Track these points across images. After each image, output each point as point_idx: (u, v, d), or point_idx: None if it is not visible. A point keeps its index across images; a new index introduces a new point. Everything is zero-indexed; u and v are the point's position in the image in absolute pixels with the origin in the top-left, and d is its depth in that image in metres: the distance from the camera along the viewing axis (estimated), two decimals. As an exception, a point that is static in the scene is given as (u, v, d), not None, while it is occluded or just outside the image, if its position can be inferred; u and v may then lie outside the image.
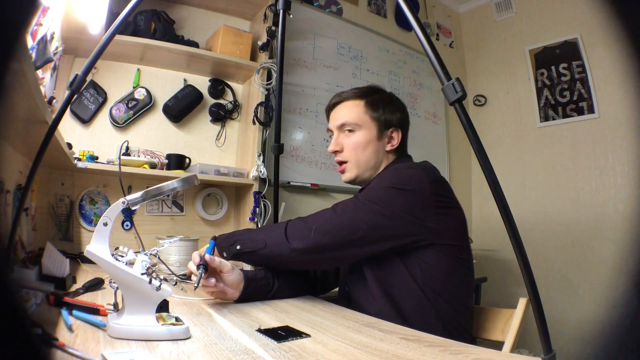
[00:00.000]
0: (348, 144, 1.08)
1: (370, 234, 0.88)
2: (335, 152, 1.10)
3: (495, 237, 2.61)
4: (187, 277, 0.98)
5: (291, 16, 1.79)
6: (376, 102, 1.09)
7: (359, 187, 1.12)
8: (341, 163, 1.10)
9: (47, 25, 1.06)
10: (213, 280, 0.87)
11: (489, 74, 2.96)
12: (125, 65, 1.73)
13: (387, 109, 1.08)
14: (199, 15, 1.92)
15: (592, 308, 2.17)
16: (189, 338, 0.63)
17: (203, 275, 0.83)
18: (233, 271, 0.90)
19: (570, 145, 2.45)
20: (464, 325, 0.95)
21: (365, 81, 2.42)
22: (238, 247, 0.93)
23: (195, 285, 0.80)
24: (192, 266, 0.88)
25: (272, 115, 1.82)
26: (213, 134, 1.91)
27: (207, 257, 0.86)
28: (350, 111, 1.08)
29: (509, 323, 0.97)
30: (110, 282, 0.66)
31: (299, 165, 2.10)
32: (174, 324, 0.64)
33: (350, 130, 1.08)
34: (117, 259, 0.63)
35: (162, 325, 0.63)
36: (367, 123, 1.07)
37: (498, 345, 0.97)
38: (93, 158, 1.47)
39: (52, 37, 1.11)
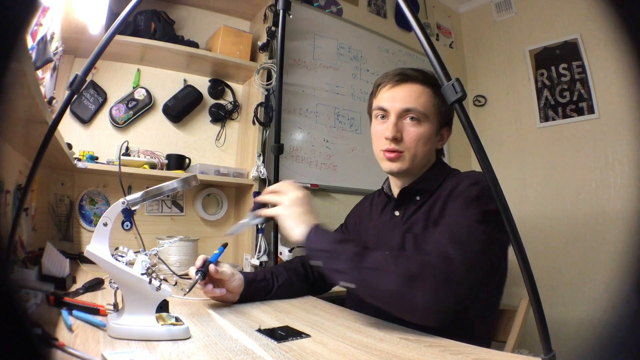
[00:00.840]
0: (411, 134, 0.92)
1: (485, 266, 0.78)
2: (394, 139, 0.93)
3: (495, 237, 2.60)
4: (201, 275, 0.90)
5: (291, 16, 1.79)
6: (441, 94, 0.99)
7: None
8: (395, 151, 0.94)
9: (47, 25, 1.06)
10: (210, 286, 0.86)
11: (489, 74, 2.96)
12: (125, 65, 1.73)
13: (447, 105, 1.01)
14: (199, 15, 1.92)
15: (592, 308, 2.17)
16: (189, 338, 0.63)
17: (199, 281, 0.83)
18: (234, 277, 0.90)
19: (570, 145, 2.45)
20: (490, 333, 0.95)
21: (365, 81, 2.42)
22: (339, 276, 0.75)
23: (187, 290, 0.80)
24: (192, 270, 0.87)
25: (272, 116, 1.82)
26: (213, 134, 1.91)
27: (212, 268, 0.85)
28: (420, 97, 0.93)
29: (511, 323, 0.97)
30: (110, 282, 0.66)
31: (299, 166, 2.10)
32: (174, 324, 0.64)
33: (414, 119, 0.93)
34: (117, 259, 0.63)
35: (162, 325, 0.63)
36: (433, 115, 0.94)
37: (499, 345, 0.97)
38: (93, 158, 1.47)
39: (52, 37, 1.11)
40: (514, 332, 0.95)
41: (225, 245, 0.96)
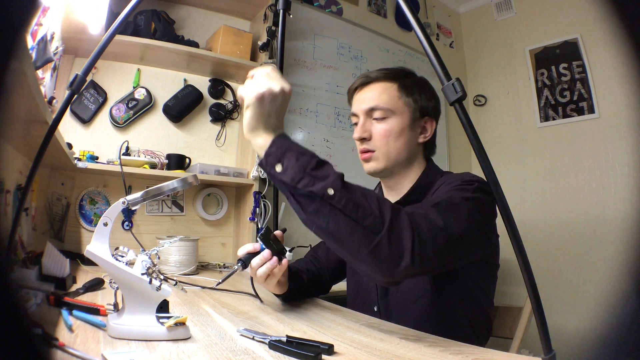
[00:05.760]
0: (378, 131, 0.93)
1: (464, 241, 0.72)
2: (362, 140, 0.95)
3: (496, 237, 2.60)
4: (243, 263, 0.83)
5: (291, 16, 1.79)
6: (410, 85, 0.96)
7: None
8: (366, 151, 0.95)
9: (47, 25, 1.06)
10: (274, 260, 0.81)
11: (489, 74, 2.96)
12: (125, 65, 1.73)
13: (422, 95, 0.96)
14: (199, 15, 1.92)
15: (592, 308, 2.17)
16: (189, 338, 0.63)
17: (239, 269, 0.80)
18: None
19: (570, 145, 2.45)
20: (487, 334, 0.95)
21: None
22: (330, 192, 0.59)
23: (219, 281, 0.80)
24: (240, 252, 0.84)
25: (272, 115, 1.82)
26: (213, 134, 1.91)
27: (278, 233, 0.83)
28: (382, 94, 0.94)
29: (516, 322, 0.99)
30: (110, 282, 0.66)
31: (299, 165, 2.10)
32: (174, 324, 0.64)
33: (380, 116, 0.93)
34: (117, 259, 0.63)
35: (163, 325, 0.63)
36: (401, 109, 0.93)
37: (506, 342, 0.98)
38: (93, 158, 1.47)
39: (52, 37, 1.11)
40: (519, 331, 0.96)
41: (265, 236, 0.84)
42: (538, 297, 0.53)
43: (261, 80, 0.65)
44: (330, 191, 0.59)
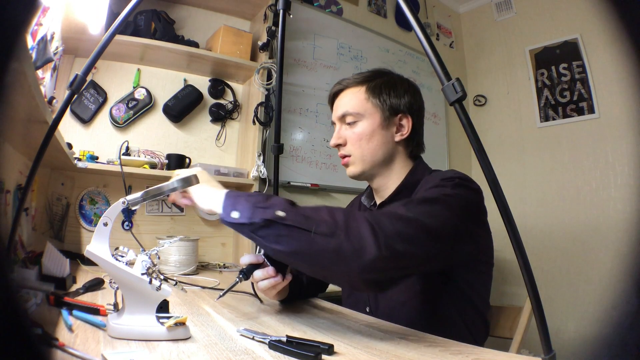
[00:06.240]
0: (350, 136, 0.96)
1: (445, 237, 0.71)
2: (338, 146, 0.99)
3: (496, 237, 2.59)
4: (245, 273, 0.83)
5: (291, 16, 1.79)
6: (379, 86, 0.96)
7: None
8: (344, 157, 0.98)
9: (47, 25, 1.06)
10: (279, 277, 0.83)
11: (489, 74, 2.96)
12: (125, 65, 1.73)
13: (392, 93, 0.96)
14: (199, 15, 1.92)
15: (592, 308, 2.17)
16: (189, 338, 0.63)
17: (240, 281, 0.81)
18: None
19: (570, 145, 2.45)
20: (485, 334, 0.94)
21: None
22: (280, 213, 0.63)
23: (221, 295, 0.80)
24: (243, 261, 0.85)
25: (272, 115, 1.82)
26: (213, 134, 1.91)
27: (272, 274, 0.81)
28: (351, 99, 0.97)
29: (517, 322, 0.99)
30: (110, 282, 0.66)
31: (299, 165, 2.10)
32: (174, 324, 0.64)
33: (350, 121, 0.96)
34: (117, 259, 0.63)
35: (163, 325, 0.63)
36: (370, 111, 0.95)
37: (506, 342, 0.98)
38: (93, 158, 1.47)
39: (52, 37, 1.11)
40: (519, 331, 0.96)
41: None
42: (538, 297, 0.53)
43: (182, 170, 0.79)
44: (281, 213, 0.64)
